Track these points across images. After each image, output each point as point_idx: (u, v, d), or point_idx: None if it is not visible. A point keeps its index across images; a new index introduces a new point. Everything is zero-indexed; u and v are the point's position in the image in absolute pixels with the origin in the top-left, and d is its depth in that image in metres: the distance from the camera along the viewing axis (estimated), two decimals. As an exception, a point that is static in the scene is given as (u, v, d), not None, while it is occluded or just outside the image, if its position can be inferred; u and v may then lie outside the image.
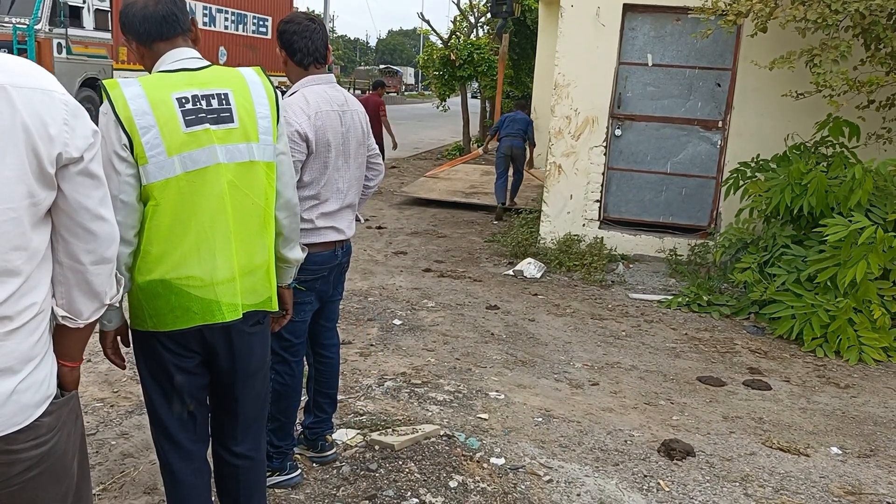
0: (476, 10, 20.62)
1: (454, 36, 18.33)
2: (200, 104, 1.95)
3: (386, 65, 60.45)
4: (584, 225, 7.31)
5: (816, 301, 5.14)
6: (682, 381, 4.43)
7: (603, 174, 7.26)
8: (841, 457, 3.56)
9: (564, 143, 7.26)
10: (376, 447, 3.28)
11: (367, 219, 8.96)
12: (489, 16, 17.04)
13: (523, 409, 3.85)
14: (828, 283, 5.15)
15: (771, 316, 5.42)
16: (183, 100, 1.93)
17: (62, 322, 1.51)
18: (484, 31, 20.89)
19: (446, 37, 18.34)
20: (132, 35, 2.04)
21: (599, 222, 7.35)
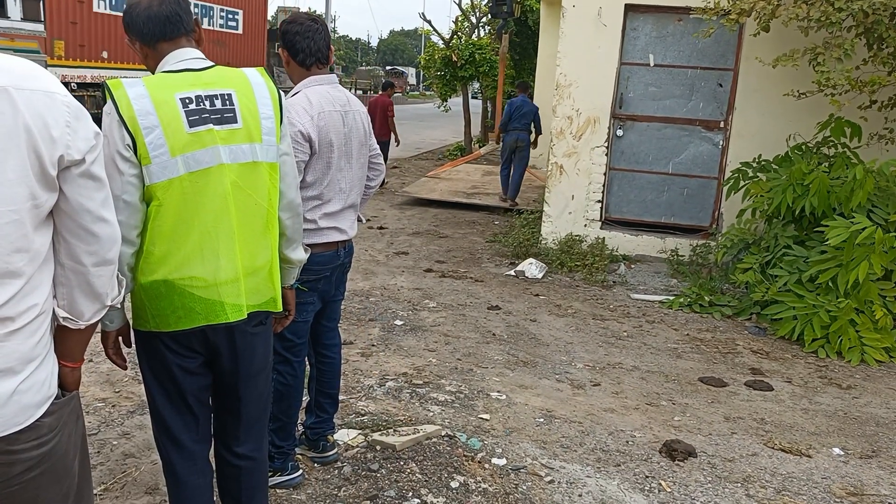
0: (477, 11, 20.62)
1: (456, 36, 18.33)
2: (204, 104, 1.95)
3: (392, 66, 60.70)
4: (586, 225, 7.31)
5: (818, 302, 5.13)
6: (684, 382, 4.42)
7: (604, 174, 7.26)
8: (843, 458, 3.55)
9: (566, 144, 7.26)
10: (378, 447, 3.29)
11: (369, 219, 8.96)
12: (490, 16, 17.02)
13: (525, 410, 3.85)
14: (829, 284, 5.14)
15: (772, 316, 5.42)
16: (186, 100, 1.93)
17: (63, 323, 1.51)
18: (485, 32, 20.89)
19: (448, 37, 18.33)
20: (136, 35, 2.05)
21: (601, 222, 7.34)
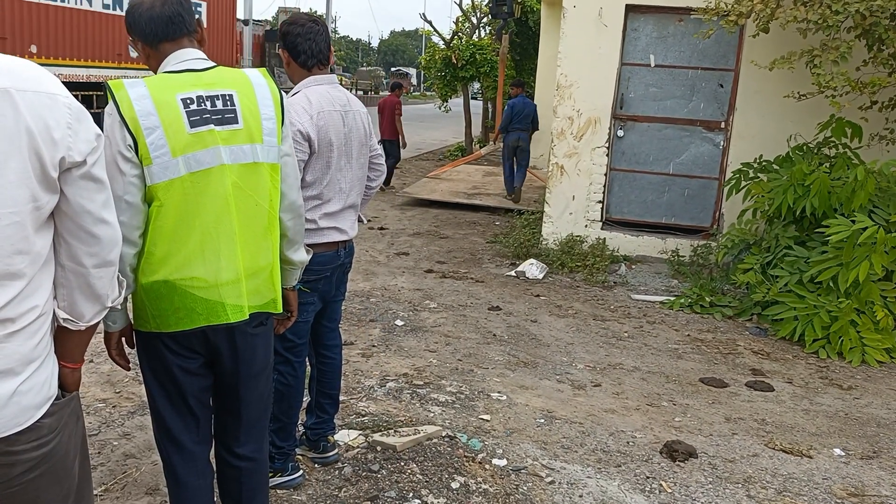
0: (478, 11, 20.61)
1: (456, 37, 18.31)
2: (205, 105, 1.95)
3: (397, 67, 61.03)
4: (587, 226, 7.31)
5: (819, 302, 5.13)
6: (685, 383, 4.42)
7: (605, 175, 7.25)
8: (844, 458, 3.55)
9: (567, 144, 7.26)
10: (378, 448, 3.28)
11: (370, 219, 8.96)
12: (491, 16, 17.01)
13: (525, 411, 3.85)
14: (830, 285, 5.14)
15: (773, 317, 5.41)
16: (188, 100, 1.94)
17: (63, 324, 1.51)
18: (486, 32, 20.88)
19: (448, 38, 18.31)
20: (138, 35, 2.05)
21: (602, 223, 7.34)
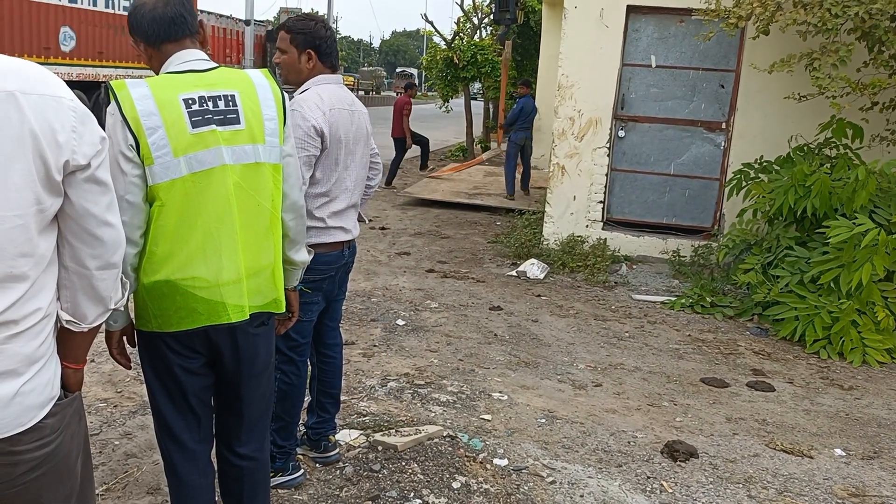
0: (479, 12, 20.59)
1: (457, 37, 18.30)
2: (207, 105, 1.96)
3: (402, 68, 61.45)
4: (588, 226, 7.31)
5: (820, 303, 5.13)
6: (686, 383, 4.42)
7: (606, 175, 7.26)
8: (845, 459, 3.55)
9: (568, 145, 7.26)
10: (379, 448, 3.29)
11: (371, 220, 8.96)
12: (494, 22, 17.00)
13: (526, 410, 3.85)
14: (831, 285, 5.14)
15: (774, 317, 5.41)
16: (190, 101, 1.94)
17: (66, 326, 1.51)
18: (487, 33, 20.86)
19: (450, 38, 18.30)
20: (140, 36, 2.05)
21: (603, 223, 7.34)
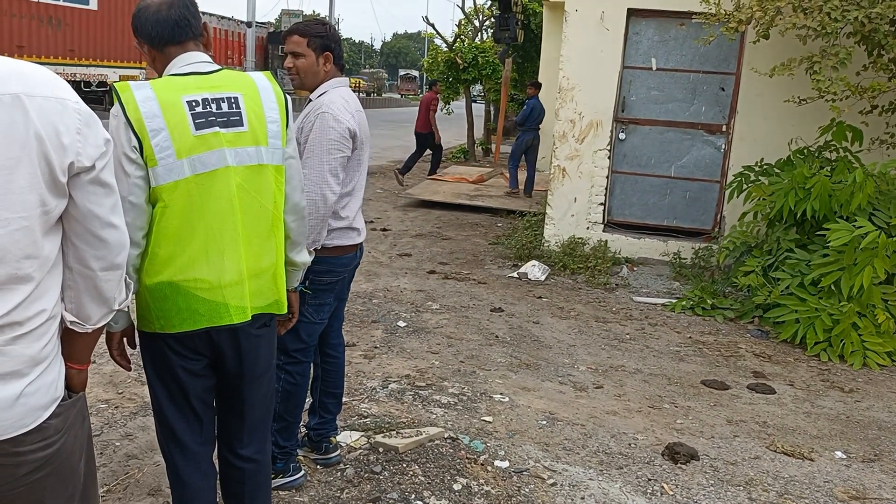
0: (480, 14, 20.59)
1: (459, 39, 18.32)
2: (210, 107, 1.97)
3: (405, 71, 61.86)
4: (589, 228, 7.32)
5: (820, 305, 5.13)
6: (686, 385, 4.43)
7: (607, 177, 7.26)
8: (845, 461, 3.55)
9: (569, 147, 7.27)
10: (380, 449, 3.29)
11: (372, 220, 8.96)
12: (494, 41, 17.01)
13: (527, 412, 3.85)
14: (832, 288, 5.14)
15: (775, 320, 5.42)
16: (193, 103, 1.95)
17: (70, 327, 1.51)
18: (488, 35, 20.87)
19: (451, 40, 18.32)
20: (144, 39, 2.06)
21: (603, 225, 7.35)
